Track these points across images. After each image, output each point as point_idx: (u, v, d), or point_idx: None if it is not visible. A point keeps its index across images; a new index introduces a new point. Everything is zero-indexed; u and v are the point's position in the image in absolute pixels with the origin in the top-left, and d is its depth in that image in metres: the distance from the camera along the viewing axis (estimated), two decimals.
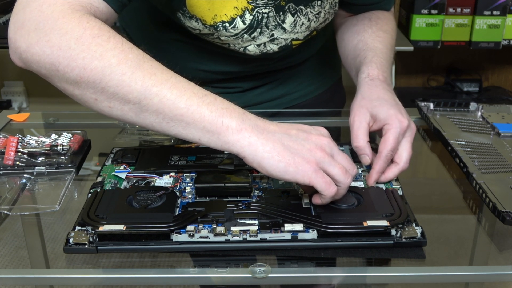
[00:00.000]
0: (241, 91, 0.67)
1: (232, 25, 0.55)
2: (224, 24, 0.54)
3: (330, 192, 0.41)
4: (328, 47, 0.70)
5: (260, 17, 0.55)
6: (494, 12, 1.21)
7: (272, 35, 0.57)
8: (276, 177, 0.41)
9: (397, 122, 0.49)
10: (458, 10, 1.23)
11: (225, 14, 0.54)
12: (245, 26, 0.55)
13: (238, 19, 0.54)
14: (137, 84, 0.39)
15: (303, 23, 0.58)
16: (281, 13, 0.56)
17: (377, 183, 0.49)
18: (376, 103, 0.51)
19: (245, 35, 0.56)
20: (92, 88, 0.41)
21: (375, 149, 0.51)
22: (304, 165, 0.40)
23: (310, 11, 0.57)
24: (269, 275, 0.39)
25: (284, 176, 0.40)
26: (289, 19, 0.57)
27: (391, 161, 0.49)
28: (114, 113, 0.42)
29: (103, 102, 0.41)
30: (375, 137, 0.56)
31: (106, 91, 0.40)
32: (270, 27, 0.56)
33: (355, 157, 0.54)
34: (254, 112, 0.44)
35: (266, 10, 0.55)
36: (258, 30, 0.56)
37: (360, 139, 0.49)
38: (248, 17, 0.55)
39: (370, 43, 0.59)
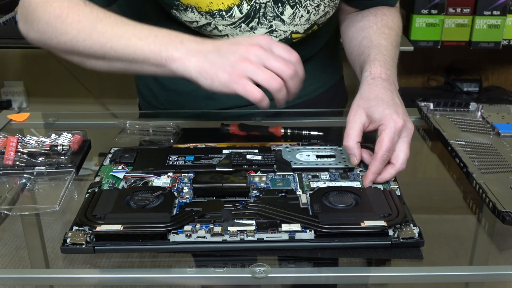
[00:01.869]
0: None
1: (229, 14, 0.54)
2: (220, 12, 0.54)
3: (258, 96, 0.45)
4: (330, 46, 0.70)
5: (257, 7, 0.55)
6: (494, 12, 1.21)
7: (271, 26, 0.57)
8: (214, 92, 0.47)
9: (392, 122, 0.48)
10: (458, 10, 1.22)
11: (222, 3, 0.54)
12: (242, 15, 0.55)
13: (235, 8, 0.54)
14: (96, 44, 0.49)
15: (302, 15, 0.57)
16: (279, 4, 0.56)
17: (374, 183, 0.49)
18: (372, 103, 0.50)
19: (243, 25, 0.56)
20: (73, 55, 0.52)
21: (372, 149, 0.51)
22: (225, 77, 0.45)
23: (310, 3, 0.57)
24: (269, 275, 0.39)
25: (216, 90, 0.46)
26: (288, 10, 0.56)
27: (388, 162, 0.49)
28: (98, 68, 0.52)
29: (86, 63, 0.52)
30: (374, 138, 0.56)
31: (82, 55, 0.51)
32: (268, 17, 0.56)
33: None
34: (255, 112, 0.56)
35: (264, 0, 0.55)
36: (256, 20, 0.56)
37: (350, 140, 0.49)
38: (245, 7, 0.55)
39: (375, 40, 0.59)
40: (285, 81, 0.46)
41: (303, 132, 0.62)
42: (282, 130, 0.62)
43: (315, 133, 0.62)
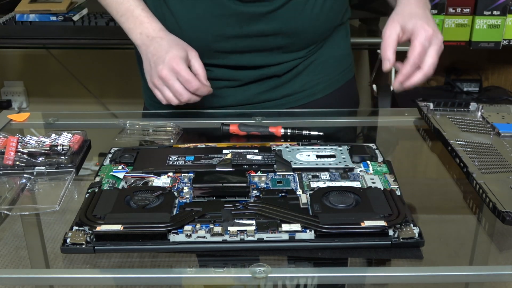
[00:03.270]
0: (242, 85, 0.66)
1: None
2: None
3: (164, 103, 0.61)
4: (340, 43, 0.69)
5: None
6: (494, 12, 1.21)
7: None
8: None
9: (423, 30, 0.55)
10: (458, 10, 1.22)
11: None
12: None
13: None
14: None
15: None
16: None
17: (402, 91, 0.55)
18: (406, 18, 0.57)
19: None
20: None
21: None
22: (148, 81, 0.62)
23: None
24: (269, 275, 0.39)
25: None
26: None
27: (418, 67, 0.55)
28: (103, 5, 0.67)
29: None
30: (375, 139, 0.56)
31: None
32: None
33: (352, 156, 0.54)
34: (259, 112, 0.63)
35: None
36: None
37: (387, 50, 0.56)
38: None
39: None
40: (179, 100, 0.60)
41: (303, 132, 0.62)
42: (282, 130, 0.62)
43: (315, 133, 0.62)
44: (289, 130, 0.62)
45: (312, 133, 0.62)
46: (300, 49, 0.66)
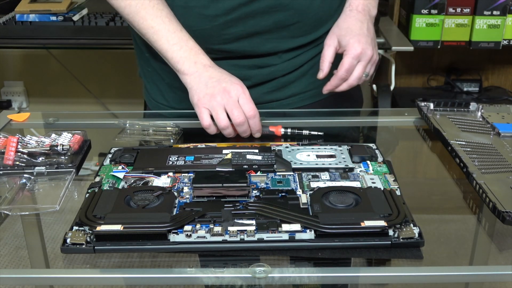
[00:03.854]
0: (251, 86, 0.66)
1: None
2: None
3: (205, 124, 0.60)
4: None
5: None
6: (494, 12, 1.21)
7: None
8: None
9: (353, 49, 0.61)
10: (458, 10, 1.22)
11: None
12: None
13: None
14: (136, 24, 0.63)
15: None
16: None
17: (332, 92, 0.63)
18: (343, 32, 0.63)
19: None
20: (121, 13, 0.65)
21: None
22: (197, 100, 0.60)
23: None
24: (269, 275, 0.39)
25: (192, 104, 0.61)
26: None
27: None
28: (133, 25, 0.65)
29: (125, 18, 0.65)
30: (375, 139, 0.56)
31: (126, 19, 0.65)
32: None
33: (352, 156, 0.54)
34: (264, 112, 0.64)
35: None
36: None
37: (325, 60, 0.63)
38: None
39: None
40: (234, 124, 0.59)
41: (303, 132, 0.62)
42: (282, 130, 0.62)
43: (315, 133, 0.62)
44: (289, 130, 0.62)
45: (312, 133, 0.62)
46: (307, 31, 0.66)
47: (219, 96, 0.58)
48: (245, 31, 0.63)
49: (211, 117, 0.59)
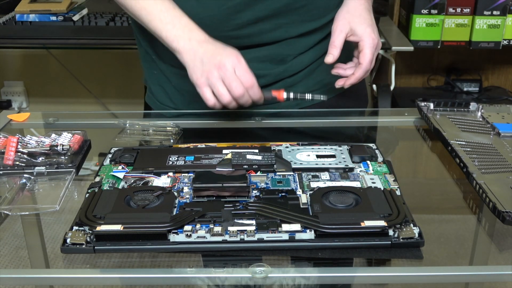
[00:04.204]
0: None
1: None
2: None
3: (210, 104, 0.59)
4: (350, 43, 0.69)
5: None
6: (494, 12, 1.21)
7: None
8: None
9: (371, 39, 0.62)
10: (458, 10, 1.22)
11: None
12: None
13: None
14: (129, 6, 0.63)
15: None
16: None
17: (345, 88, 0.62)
18: (356, 19, 0.63)
19: None
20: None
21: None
22: (196, 79, 0.59)
23: None
24: (269, 275, 0.39)
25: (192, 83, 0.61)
26: None
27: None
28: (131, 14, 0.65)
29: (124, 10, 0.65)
30: (375, 139, 0.56)
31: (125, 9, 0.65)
32: None
33: (352, 156, 0.54)
34: (256, 112, 0.65)
35: None
36: None
37: (335, 48, 0.62)
38: None
39: None
40: (234, 98, 0.58)
41: (306, 95, 0.62)
42: (285, 94, 0.62)
43: (318, 96, 0.61)
44: (291, 94, 0.62)
45: (315, 96, 0.62)
46: (315, 16, 0.66)
47: (215, 71, 0.57)
48: (254, 16, 0.62)
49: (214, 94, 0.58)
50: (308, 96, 0.61)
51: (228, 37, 0.63)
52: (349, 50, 0.67)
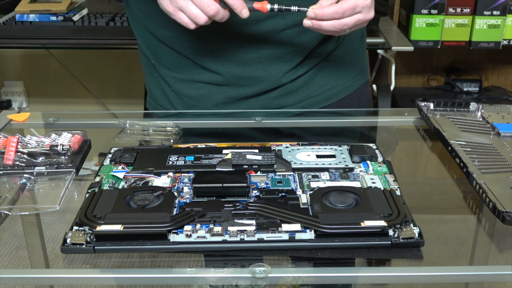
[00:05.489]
0: (257, 95, 0.66)
1: None
2: None
3: (191, 27, 0.56)
4: (353, 46, 0.68)
5: None
6: (494, 12, 1.21)
7: None
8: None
9: None
10: (458, 10, 1.22)
11: None
12: None
13: None
14: None
15: None
16: None
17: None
18: None
19: None
20: None
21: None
22: (169, 9, 0.57)
23: None
24: (269, 275, 0.39)
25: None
26: None
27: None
28: None
29: None
30: (375, 139, 0.56)
31: None
32: None
33: (352, 156, 0.54)
34: (259, 112, 0.62)
35: None
36: None
37: (321, 3, 0.56)
38: None
39: None
40: (210, 17, 0.55)
41: (291, 8, 0.56)
42: (268, 6, 0.56)
43: (304, 8, 0.56)
44: (276, 6, 0.56)
45: (301, 8, 0.56)
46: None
47: (175, 2, 0.55)
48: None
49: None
50: (294, 8, 0.55)
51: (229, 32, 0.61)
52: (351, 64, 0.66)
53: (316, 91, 0.68)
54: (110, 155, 0.55)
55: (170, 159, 0.54)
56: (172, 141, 0.62)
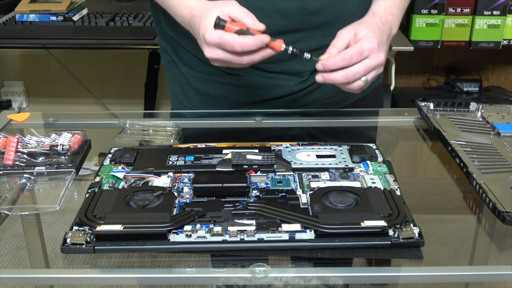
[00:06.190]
0: (274, 98, 0.66)
1: None
2: None
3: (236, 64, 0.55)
4: None
5: None
6: (494, 12, 1.21)
7: None
8: None
9: (368, 41, 0.54)
10: (458, 10, 1.22)
11: None
12: None
13: None
14: None
15: None
16: None
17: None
18: (363, 26, 0.57)
19: None
20: None
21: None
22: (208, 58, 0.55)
23: None
24: (269, 275, 0.39)
25: None
26: None
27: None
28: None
29: None
30: (375, 139, 0.56)
31: None
32: None
33: (352, 156, 0.54)
34: (259, 112, 0.61)
35: None
36: None
37: (335, 45, 0.55)
38: None
39: None
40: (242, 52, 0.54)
41: (305, 53, 0.55)
42: (283, 46, 0.54)
43: (316, 58, 0.55)
44: (290, 48, 0.54)
45: (314, 58, 0.55)
46: (338, 30, 0.61)
47: (207, 49, 0.53)
48: (273, 29, 0.58)
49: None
50: (307, 55, 0.55)
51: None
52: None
53: (331, 92, 0.68)
54: (110, 155, 0.55)
55: (170, 159, 0.54)
56: (172, 141, 0.62)
